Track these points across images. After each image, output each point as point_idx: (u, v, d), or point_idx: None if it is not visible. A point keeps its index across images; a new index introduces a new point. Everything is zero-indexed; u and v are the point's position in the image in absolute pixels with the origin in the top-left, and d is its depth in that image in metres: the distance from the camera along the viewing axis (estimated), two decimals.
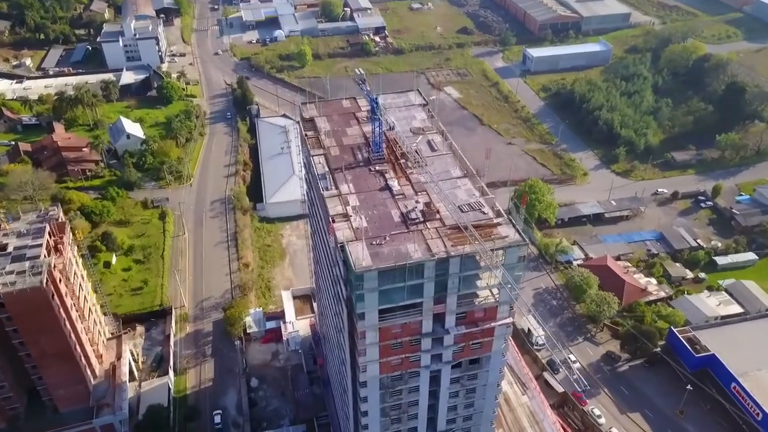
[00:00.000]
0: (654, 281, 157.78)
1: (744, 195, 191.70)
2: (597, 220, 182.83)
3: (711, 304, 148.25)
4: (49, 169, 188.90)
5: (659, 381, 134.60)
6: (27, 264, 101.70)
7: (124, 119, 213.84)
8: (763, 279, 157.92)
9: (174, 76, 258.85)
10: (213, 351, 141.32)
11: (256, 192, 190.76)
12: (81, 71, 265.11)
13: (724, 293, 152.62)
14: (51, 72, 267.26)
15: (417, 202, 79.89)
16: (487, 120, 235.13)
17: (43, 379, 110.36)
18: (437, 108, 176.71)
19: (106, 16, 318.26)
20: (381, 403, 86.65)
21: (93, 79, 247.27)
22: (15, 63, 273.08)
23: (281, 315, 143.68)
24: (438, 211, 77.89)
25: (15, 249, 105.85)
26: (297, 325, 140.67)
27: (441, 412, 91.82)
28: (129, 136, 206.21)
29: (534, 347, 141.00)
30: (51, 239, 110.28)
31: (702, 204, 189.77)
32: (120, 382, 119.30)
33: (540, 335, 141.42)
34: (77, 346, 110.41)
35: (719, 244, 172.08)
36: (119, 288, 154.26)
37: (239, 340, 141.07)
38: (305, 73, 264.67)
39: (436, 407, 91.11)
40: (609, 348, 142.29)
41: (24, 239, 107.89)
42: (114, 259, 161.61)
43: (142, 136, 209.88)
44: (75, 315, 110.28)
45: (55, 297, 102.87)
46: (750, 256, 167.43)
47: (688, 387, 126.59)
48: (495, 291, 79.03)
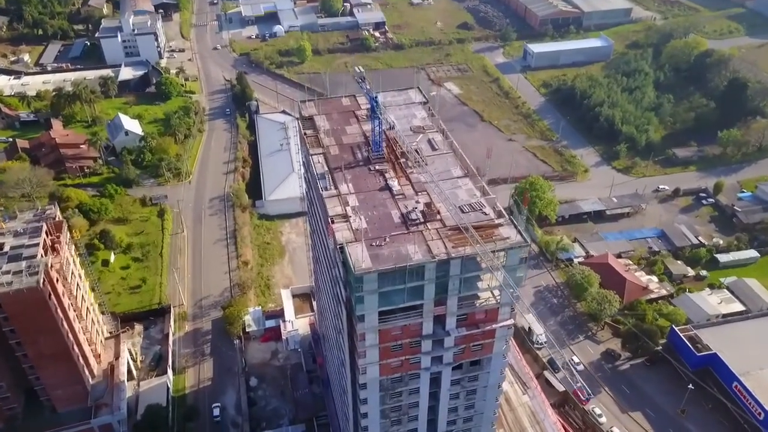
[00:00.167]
0: (655, 279, 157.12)
1: (746, 192, 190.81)
2: (598, 217, 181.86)
3: (712, 302, 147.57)
4: (47, 167, 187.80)
5: (660, 380, 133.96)
6: (24, 264, 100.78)
7: (122, 116, 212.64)
8: (765, 276, 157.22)
9: (173, 71, 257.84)
10: (212, 350, 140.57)
11: (255, 189, 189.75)
12: (79, 67, 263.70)
13: (725, 291, 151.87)
14: (49, 68, 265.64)
15: (417, 202, 78.93)
16: (488, 116, 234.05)
17: (41, 379, 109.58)
18: (437, 104, 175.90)
19: (104, 11, 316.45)
20: (381, 405, 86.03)
21: (91, 75, 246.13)
22: (13, 59, 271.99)
23: (280, 313, 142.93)
24: (438, 212, 76.93)
25: (11, 248, 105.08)
26: (296, 324, 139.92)
27: (441, 413, 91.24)
28: (127, 132, 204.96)
29: (534, 345, 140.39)
30: (48, 238, 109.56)
31: (703, 201, 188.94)
32: (118, 381, 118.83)
33: (540, 333, 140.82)
34: (75, 345, 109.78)
35: (721, 241, 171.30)
36: (117, 286, 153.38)
37: (238, 338, 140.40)
38: (305, 69, 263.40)
39: (436, 409, 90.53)
40: (610, 346, 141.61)
41: (21, 238, 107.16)
42: (112, 257, 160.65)
43: (140, 132, 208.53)
44: (72, 314, 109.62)
45: (52, 297, 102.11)
46: (752, 253, 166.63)
47: (689, 386, 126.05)
48: (496, 292, 78.17)
